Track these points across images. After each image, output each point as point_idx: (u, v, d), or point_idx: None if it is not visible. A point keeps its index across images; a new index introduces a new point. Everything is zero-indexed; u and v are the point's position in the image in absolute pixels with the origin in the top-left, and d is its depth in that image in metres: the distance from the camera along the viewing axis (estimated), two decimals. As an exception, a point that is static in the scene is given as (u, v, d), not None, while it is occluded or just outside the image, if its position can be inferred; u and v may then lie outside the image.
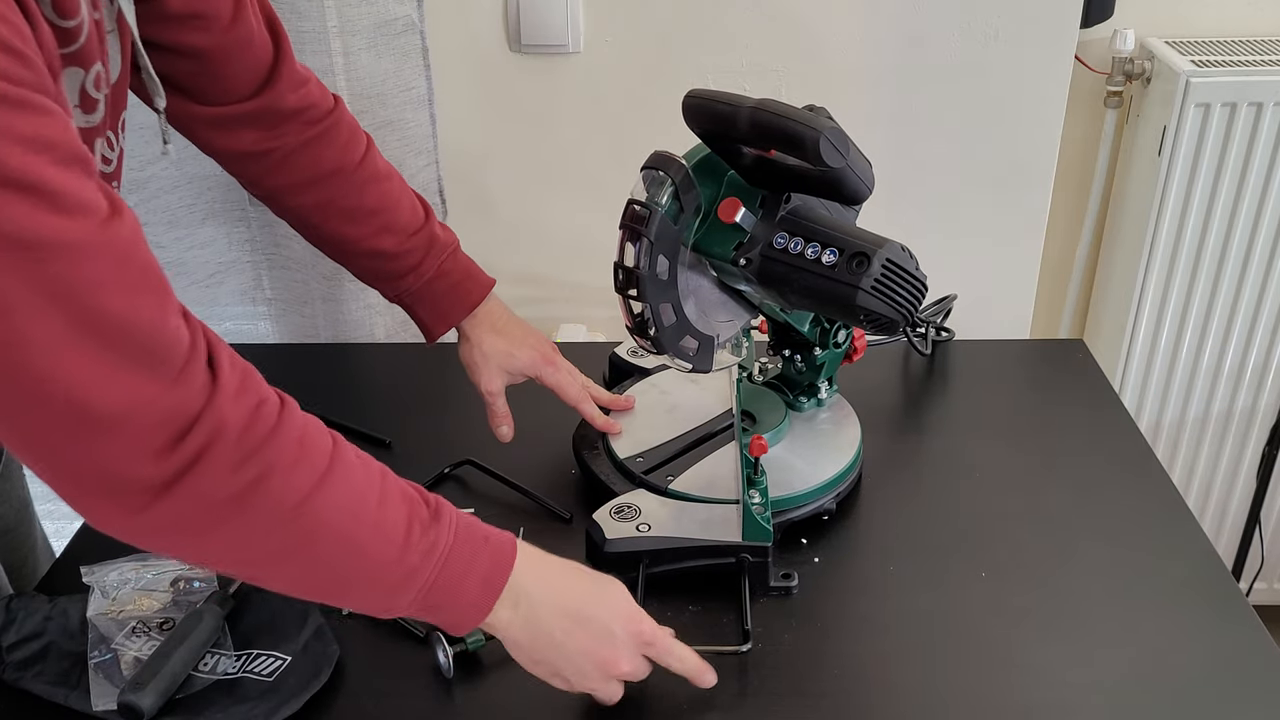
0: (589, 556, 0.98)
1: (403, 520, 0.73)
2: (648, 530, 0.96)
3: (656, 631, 0.83)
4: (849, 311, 0.90)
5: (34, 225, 0.57)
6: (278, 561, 0.71)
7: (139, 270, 0.63)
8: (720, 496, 1.01)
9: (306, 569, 0.72)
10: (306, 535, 0.70)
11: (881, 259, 0.88)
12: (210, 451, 0.64)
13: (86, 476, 0.63)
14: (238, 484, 0.66)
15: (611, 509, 0.99)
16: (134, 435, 0.62)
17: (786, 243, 0.92)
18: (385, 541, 0.73)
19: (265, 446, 0.67)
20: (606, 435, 1.10)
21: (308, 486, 0.69)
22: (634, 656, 0.82)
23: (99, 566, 0.93)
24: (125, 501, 0.64)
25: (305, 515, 0.69)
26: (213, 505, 0.65)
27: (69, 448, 0.62)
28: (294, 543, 0.70)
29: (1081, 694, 0.86)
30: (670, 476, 1.04)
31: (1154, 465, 1.12)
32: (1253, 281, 1.74)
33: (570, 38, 1.47)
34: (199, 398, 0.65)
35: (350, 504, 0.71)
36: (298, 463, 0.69)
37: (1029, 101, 1.49)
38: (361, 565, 0.72)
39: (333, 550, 0.71)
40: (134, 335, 0.62)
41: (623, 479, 1.05)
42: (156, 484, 0.63)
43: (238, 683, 0.87)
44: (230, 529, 0.67)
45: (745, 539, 0.95)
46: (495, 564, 0.78)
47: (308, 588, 0.75)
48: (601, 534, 0.96)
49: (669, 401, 1.15)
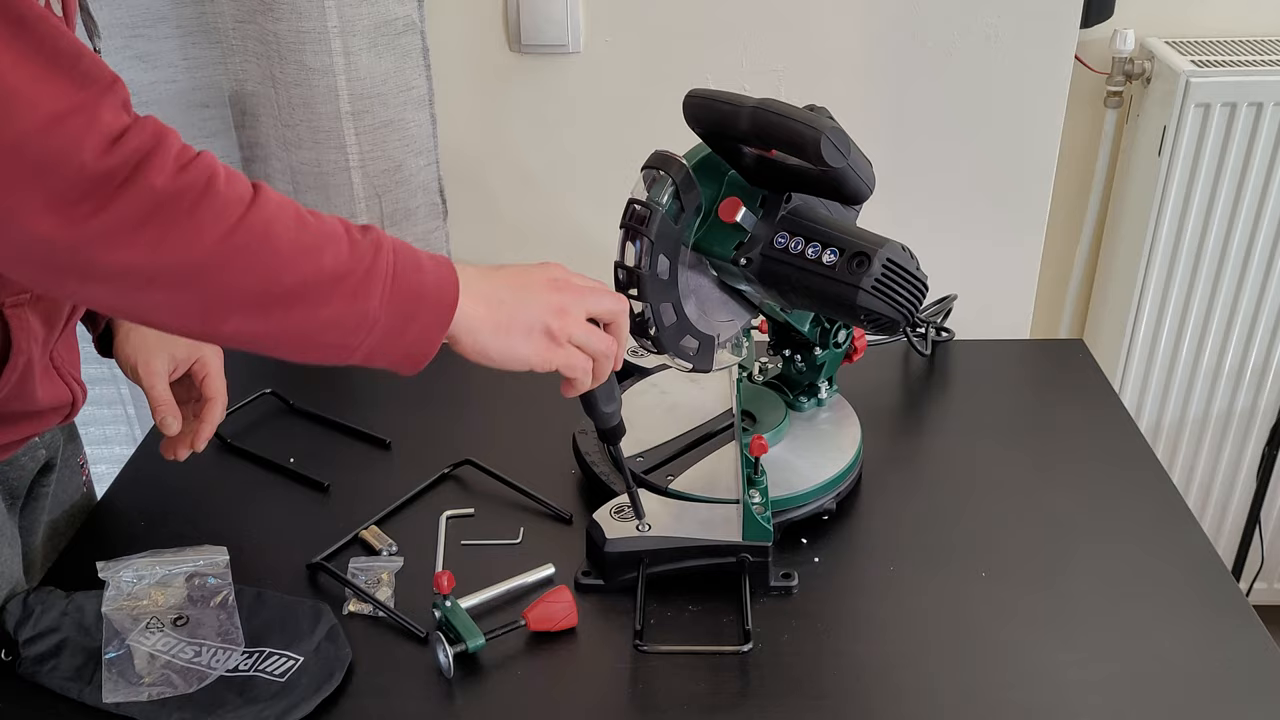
0: (589, 556, 0.98)
1: (339, 225, 0.75)
2: (648, 530, 0.96)
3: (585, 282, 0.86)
4: (849, 311, 0.90)
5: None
6: (235, 273, 0.69)
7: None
8: (720, 496, 1.01)
9: (267, 282, 0.70)
10: (261, 234, 0.70)
11: (882, 259, 0.88)
12: (154, 154, 0.66)
13: (27, 182, 0.63)
14: (184, 183, 0.67)
15: (612, 509, 0.99)
16: (74, 130, 0.64)
17: (787, 242, 0.92)
18: (332, 239, 0.73)
19: (201, 159, 0.69)
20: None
21: (248, 192, 0.70)
22: (580, 308, 0.84)
23: (114, 562, 0.93)
24: (71, 209, 0.64)
25: (254, 212, 0.69)
26: (161, 204, 0.66)
27: (11, 147, 0.63)
28: (250, 244, 0.69)
29: (1081, 694, 0.86)
30: (670, 476, 1.04)
31: (1154, 465, 1.12)
32: (1253, 281, 1.74)
33: (570, 38, 1.47)
34: (130, 116, 0.67)
35: (289, 209, 0.72)
36: (232, 175, 0.70)
37: (1029, 101, 1.49)
38: (318, 267, 0.72)
39: (288, 252, 0.71)
40: (64, 49, 0.65)
41: (623, 479, 1.05)
42: (102, 181, 0.64)
43: (249, 682, 0.87)
44: (182, 232, 0.67)
45: (745, 539, 0.95)
46: (436, 259, 0.79)
47: (275, 319, 0.72)
48: (602, 534, 0.96)
49: (669, 401, 1.15)
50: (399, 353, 0.77)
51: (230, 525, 1.05)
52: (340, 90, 1.39)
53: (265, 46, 1.40)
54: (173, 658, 0.88)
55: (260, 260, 0.70)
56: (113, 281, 0.68)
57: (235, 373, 1.31)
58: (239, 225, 0.69)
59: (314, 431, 1.20)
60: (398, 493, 1.08)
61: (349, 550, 1.01)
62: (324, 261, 0.72)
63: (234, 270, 0.70)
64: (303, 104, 1.41)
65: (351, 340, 0.75)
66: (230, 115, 1.50)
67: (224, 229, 0.68)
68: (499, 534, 1.03)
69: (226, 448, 1.17)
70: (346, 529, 1.03)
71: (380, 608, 0.93)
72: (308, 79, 1.39)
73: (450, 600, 0.90)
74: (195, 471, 1.14)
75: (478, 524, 1.05)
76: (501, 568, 0.97)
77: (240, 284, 0.70)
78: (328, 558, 0.99)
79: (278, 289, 0.71)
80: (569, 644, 0.91)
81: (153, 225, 0.66)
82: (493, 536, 1.03)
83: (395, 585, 0.97)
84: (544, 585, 0.96)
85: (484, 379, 1.30)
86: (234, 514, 1.08)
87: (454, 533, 1.03)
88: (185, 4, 1.43)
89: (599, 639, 0.91)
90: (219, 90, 1.49)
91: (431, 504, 1.08)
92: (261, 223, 0.70)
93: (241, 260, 0.70)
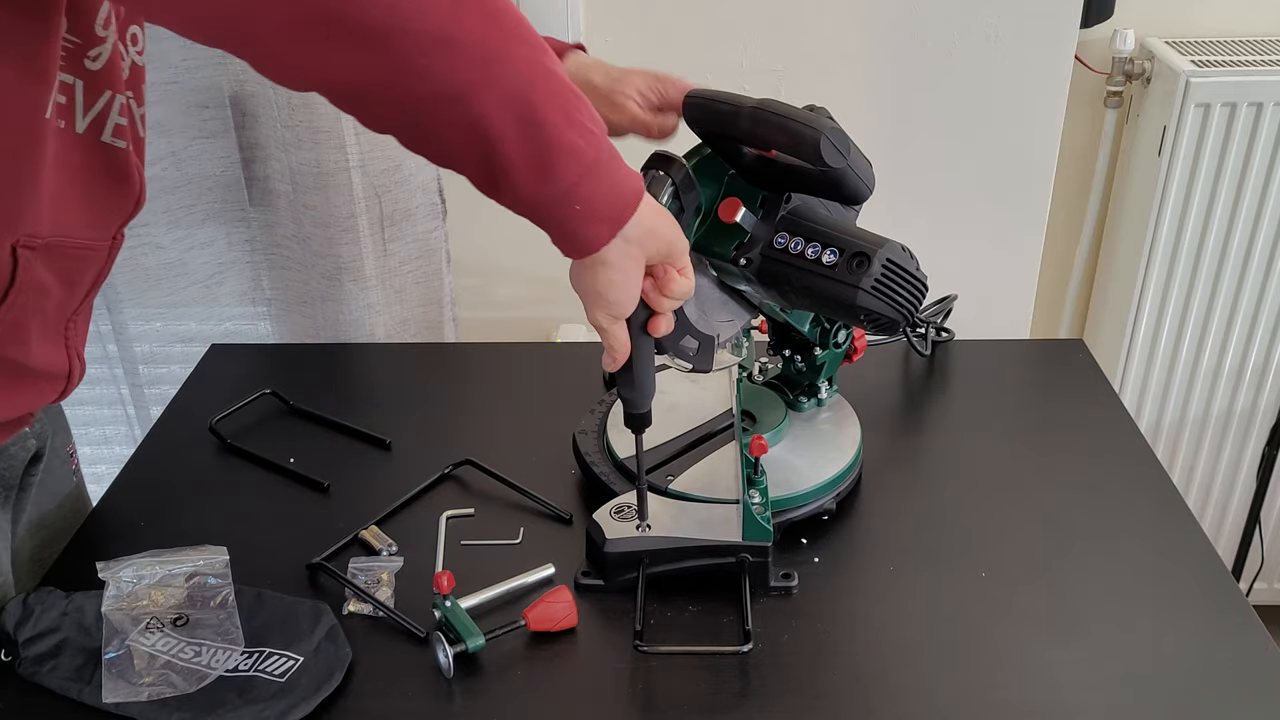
0: (588, 556, 0.98)
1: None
2: (648, 530, 0.96)
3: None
4: (849, 311, 0.90)
5: None
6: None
7: None
8: (720, 497, 1.01)
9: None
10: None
11: (882, 259, 0.88)
12: None
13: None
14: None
15: (611, 509, 0.99)
16: None
17: (787, 242, 0.92)
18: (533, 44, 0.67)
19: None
20: (607, 434, 1.10)
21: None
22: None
23: (115, 562, 0.93)
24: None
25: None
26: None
27: None
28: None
29: (1081, 694, 0.86)
30: (670, 476, 1.04)
31: (1154, 465, 1.12)
32: (1253, 281, 1.75)
33: (570, 37, 1.47)
34: None
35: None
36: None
37: (1029, 101, 1.49)
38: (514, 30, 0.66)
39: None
40: None
41: (623, 479, 1.05)
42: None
43: (249, 682, 0.87)
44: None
45: (745, 539, 0.95)
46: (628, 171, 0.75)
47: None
48: (602, 534, 0.96)
49: (668, 401, 1.15)
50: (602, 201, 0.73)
51: (230, 525, 1.05)
52: (340, 90, 1.39)
53: (265, 46, 1.40)
54: (173, 658, 0.88)
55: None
56: (371, 42, 0.61)
57: (235, 373, 1.32)
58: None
59: (314, 431, 1.20)
60: (398, 493, 1.08)
61: (349, 550, 1.01)
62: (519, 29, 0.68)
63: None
64: (303, 104, 1.41)
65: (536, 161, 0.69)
66: (230, 116, 1.50)
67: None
68: (499, 534, 1.03)
69: (226, 448, 1.17)
70: (346, 529, 1.03)
71: (380, 608, 0.94)
72: (308, 79, 1.39)
73: (450, 600, 0.90)
74: (195, 471, 1.14)
75: (478, 524, 1.05)
76: (501, 568, 0.97)
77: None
78: (328, 558, 1.00)
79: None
80: (569, 644, 0.91)
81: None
82: (493, 536, 1.03)
83: (395, 585, 0.97)
84: (544, 585, 0.96)
85: (484, 379, 1.31)
86: (234, 514, 1.08)
87: (454, 533, 1.03)
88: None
89: (599, 639, 0.91)
90: (219, 91, 1.49)
91: (431, 504, 1.08)
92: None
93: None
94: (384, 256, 1.52)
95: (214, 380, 1.30)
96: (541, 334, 1.66)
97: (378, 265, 1.51)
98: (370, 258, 1.50)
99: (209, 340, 1.38)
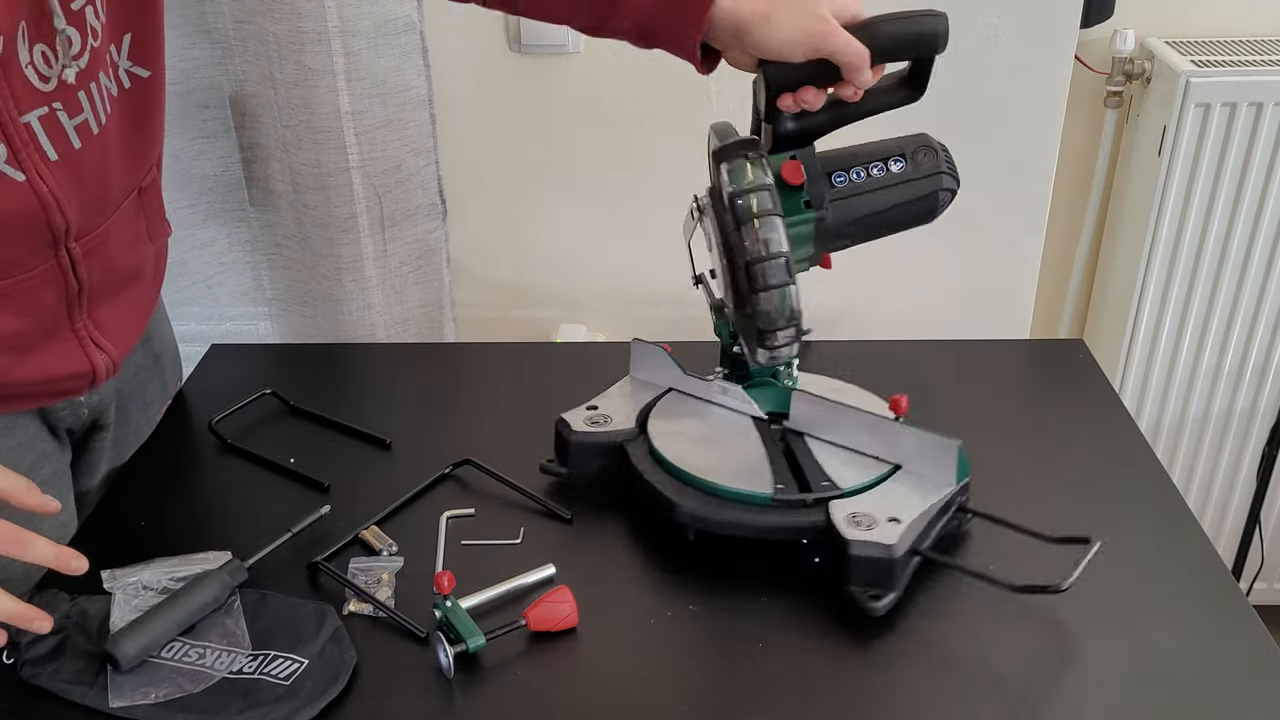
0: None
1: None
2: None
3: None
4: (937, 202, 0.95)
5: None
6: None
7: None
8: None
9: None
10: None
11: (935, 142, 0.94)
12: None
13: None
14: None
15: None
16: None
17: (846, 178, 0.93)
18: None
19: None
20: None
21: None
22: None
23: (120, 571, 0.94)
24: None
25: None
26: None
27: None
28: None
29: (1082, 694, 0.86)
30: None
31: (1154, 465, 1.12)
32: (1253, 281, 1.75)
33: (570, 38, 1.47)
34: None
35: None
36: None
37: (1029, 101, 1.49)
38: None
39: None
40: None
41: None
42: None
43: (254, 684, 0.86)
44: None
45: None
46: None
47: None
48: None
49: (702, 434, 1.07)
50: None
51: (230, 525, 1.05)
52: (340, 90, 1.39)
53: (265, 47, 1.40)
54: (178, 661, 0.88)
55: None
56: None
57: (236, 373, 1.31)
58: None
59: (314, 431, 1.20)
60: (398, 493, 1.08)
61: (349, 550, 1.01)
62: None
63: None
64: (302, 104, 1.41)
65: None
66: (230, 116, 1.50)
67: None
68: (499, 534, 1.03)
69: (227, 448, 1.17)
70: (346, 529, 1.03)
71: (380, 608, 0.94)
72: (307, 79, 1.39)
73: (450, 600, 0.90)
74: (195, 471, 1.14)
75: (478, 524, 1.05)
76: (502, 568, 0.97)
77: None
78: (328, 558, 1.00)
79: None
80: (569, 644, 0.91)
81: None
82: (493, 536, 1.03)
83: (395, 585, 0.97)
84: (544, 585, 0.96)
85: (484, 379, 1.31)
86: (234, 514, 1.08)
87: (454, 533, 1.03)
88: (185, 4, 1.43)
89: (599, 639, 0.91)
90: (219, 91, 1.49)
91: (431, 504, 1.08)
92: None
93: None
94: (384, 256, 1.52)
95: (214, 380, 1.30)
96: (541, 334, 1.66)
97: (378, 265, 1.51)
98: (370, 258, 1.50)
99: (209, 340, 1.38)
